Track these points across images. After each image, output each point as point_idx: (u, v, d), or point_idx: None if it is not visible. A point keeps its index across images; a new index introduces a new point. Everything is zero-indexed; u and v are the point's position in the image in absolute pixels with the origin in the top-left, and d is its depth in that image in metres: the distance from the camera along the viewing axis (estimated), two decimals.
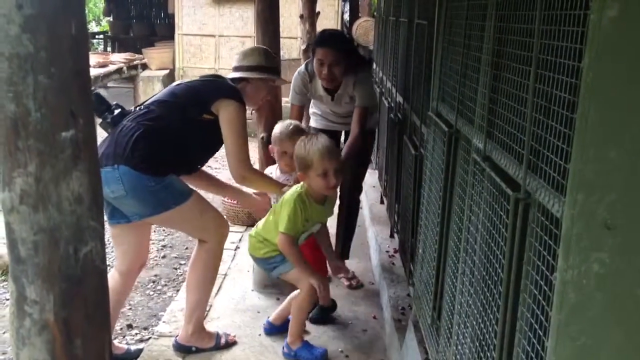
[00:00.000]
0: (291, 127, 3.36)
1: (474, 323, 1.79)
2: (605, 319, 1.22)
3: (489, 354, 1.63)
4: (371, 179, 6.07)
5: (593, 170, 1.16)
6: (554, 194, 1.29)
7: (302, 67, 4.00)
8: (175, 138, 2.86)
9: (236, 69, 3.20)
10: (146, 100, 3.07)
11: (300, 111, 4.03)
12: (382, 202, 5.25)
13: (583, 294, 1.21)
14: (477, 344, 1.75)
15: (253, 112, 4.16)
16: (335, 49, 3.67)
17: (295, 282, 3.06)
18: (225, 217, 5.20)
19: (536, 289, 1.37)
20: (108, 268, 2.98)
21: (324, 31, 3.97)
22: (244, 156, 2.99)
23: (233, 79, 3.16)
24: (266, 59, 3.23)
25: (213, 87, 3.04)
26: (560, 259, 1.21)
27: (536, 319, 1.35)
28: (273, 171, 3.57)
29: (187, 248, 5.12)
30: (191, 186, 3.02)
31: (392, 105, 4.65)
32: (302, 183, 2.93)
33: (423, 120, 3.11)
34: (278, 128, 3.40)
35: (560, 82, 1.30)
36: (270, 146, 3.59)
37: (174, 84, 3.18)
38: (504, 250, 1.54)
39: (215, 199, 6.37)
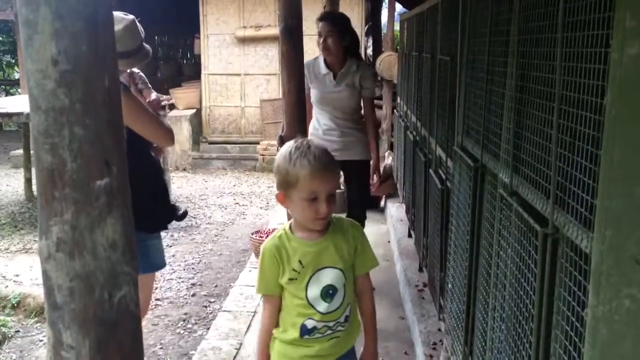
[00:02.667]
0: None
1: (507, 359, 1.77)
2: (638, 355, 1.20)
3: None
4: (398, 213, 6.06)
5: (620, 206, 1.17)
6: (582, 229, 1.29)
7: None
8: None
9: None
10: None
11: None
12: (409, 235, 5.23)
13: (615, 330, 1.20)
14: None
15: (279, 149, 4.21)
16: (331, 23, 4.18)
17: None
18: (253, 252, 5.24)
19: (568, 325, 1.36)
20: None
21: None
22: (162, 125, 2.95)
23: None
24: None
25: None
26: (591, 295, 1.21)
27: (569, 356, 1.34)
28: None
29: (216, 286, 5.15)
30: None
31: (417, 139, 4.67)
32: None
33: (448, 154, 3.12)
34: None
35: (584, 119, 1.31)
36: None
37: None
38: (534, 286, 1.53)
39: (243, 236, 6.42)
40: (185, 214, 3.89)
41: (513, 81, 1.83)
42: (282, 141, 3.92)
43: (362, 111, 4.50)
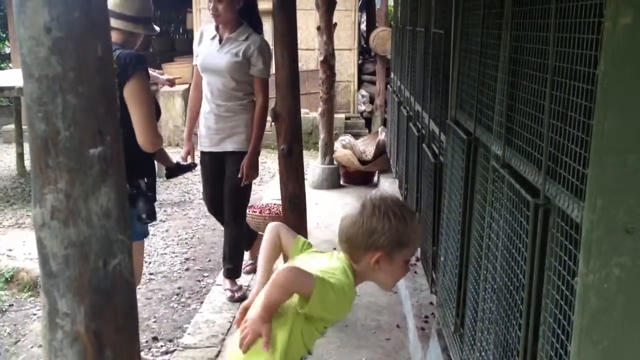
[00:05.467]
0: None
1: (497, 329, 1.80)
2: (628, 323, 1.22)
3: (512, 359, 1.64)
4: (391, 189, 6.08)
5: (612, 175, 1.18)
6: (573, 199, 1.31)
7: None
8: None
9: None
10: None
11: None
12: None
13: (604, 298, 1.22)
14: (501, 350, 1.75)
15: (272, 124, 4.19)
16: None
17: None
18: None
19: (558, 294, 1.38)
20: None
21: None
22: (154, 124, 2.90)
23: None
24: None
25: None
26: (581, 263, 1.22)
27: (559, 324, 1.36)
28: None
29: (209, 260, 5.17)
30: None
31: (411, 114, 4.67)
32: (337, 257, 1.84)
33: (442, 128, 3.12)
34: None
35: (576, 89, 1.31)
36: None
37: None
38: (525, 256, 1.55)
39: None
40: (193, 165, 3.81)
41: (507, 53, 1.83)
42: (275, 115, 3.90)
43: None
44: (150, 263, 5.03)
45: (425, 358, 2.89)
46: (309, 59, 10.13)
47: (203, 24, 10.96)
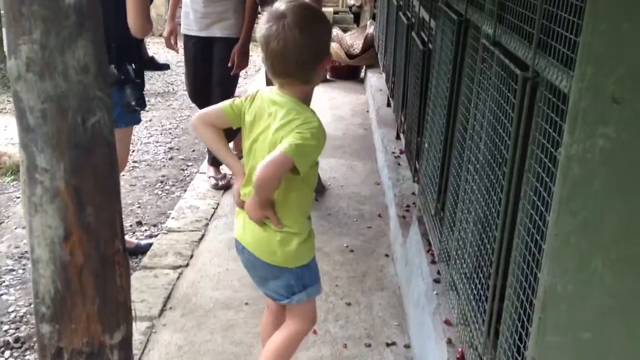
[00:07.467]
0: None
1: (477, 207, 1.81)
2: (608, 193, 1.23)
3: (490, 234, 1.66)
4: (378, 83, 6.02)
5: (603, 43, 1.15)
6: (562, 69, 1.28)
7: None
8: None
9: None
10: None
11: None
12: (388, 105, 5.22)
13: (587, 169, 1.21)
14: (480, 226, 1.78)
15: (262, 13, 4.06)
16: None
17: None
18: None
19: (540, 167, 1.38)
20: None
21: None
22: (147, 8, 2.76)
23: None
24: None
25: None
26: (566, 133, 1.21)
27: (539, 196, 1.37)
28: None
29: (193, 150, 5.15)
30: None
31: (401, 3, 4.55)
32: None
33: (432, 14, 3.05)
34: None
35: None
36: None
37: None
38: (509, 132, 1.54)
39: None
40: (166, 66, 3.78)
41: None
42: None
43: None
44: (133, 151, 5.01)
45: (405, 243, 2.95)
46: None
47: None
